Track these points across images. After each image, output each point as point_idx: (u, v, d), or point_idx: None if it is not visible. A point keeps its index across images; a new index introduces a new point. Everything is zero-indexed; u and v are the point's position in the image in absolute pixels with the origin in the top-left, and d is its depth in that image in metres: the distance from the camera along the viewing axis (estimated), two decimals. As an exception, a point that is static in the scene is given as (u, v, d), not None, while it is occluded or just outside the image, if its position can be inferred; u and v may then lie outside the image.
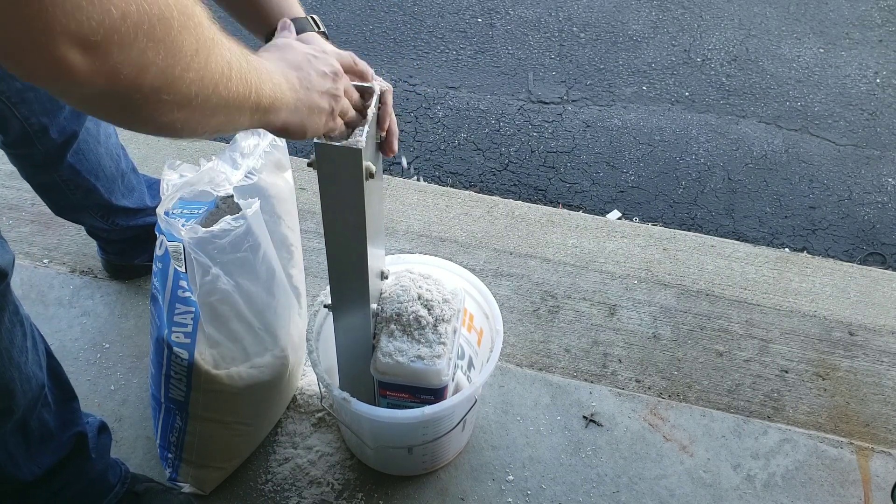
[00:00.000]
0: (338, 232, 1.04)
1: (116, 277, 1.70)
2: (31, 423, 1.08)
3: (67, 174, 1.39)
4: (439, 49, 2.60)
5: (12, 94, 1.23)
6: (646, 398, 1.55)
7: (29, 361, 1.03)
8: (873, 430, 1.54)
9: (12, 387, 1.01)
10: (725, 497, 1.41)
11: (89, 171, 1.42)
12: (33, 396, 1.06)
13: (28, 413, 1.07)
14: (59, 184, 1.41)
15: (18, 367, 1.01)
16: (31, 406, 1.06)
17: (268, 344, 1.29)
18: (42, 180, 1.43)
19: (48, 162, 1.36)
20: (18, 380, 1.01)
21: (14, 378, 1.00)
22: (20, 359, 1.01)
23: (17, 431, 1.07)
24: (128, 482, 1.28)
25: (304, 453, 1.43)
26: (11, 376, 1.00)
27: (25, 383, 1.03)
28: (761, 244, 1.98)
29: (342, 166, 0.93)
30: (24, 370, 1.02)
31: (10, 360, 0.99)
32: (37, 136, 1.30)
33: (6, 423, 1.04)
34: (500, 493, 1.39)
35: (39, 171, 1.40)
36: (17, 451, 1.08)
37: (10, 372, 0.99)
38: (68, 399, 1.17)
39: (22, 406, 1.04)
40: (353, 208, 0.98)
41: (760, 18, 2.77)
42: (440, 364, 1.18)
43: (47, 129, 1.30)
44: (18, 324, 1.01)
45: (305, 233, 1.44)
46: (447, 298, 1.24)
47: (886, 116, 2.42)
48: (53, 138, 1.32)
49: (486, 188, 2.17)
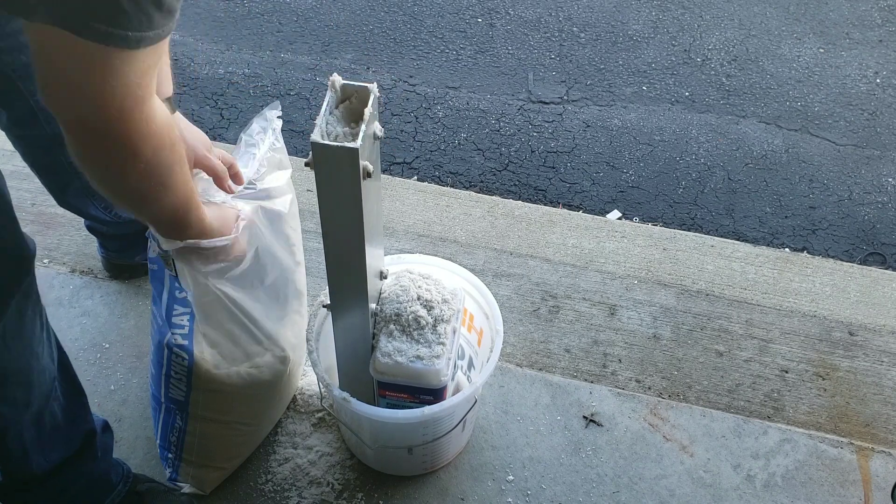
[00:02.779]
0: (336, 232, 1.04)
1: (116, 277, 1.70)
2: (45, 416, 1.09)
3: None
4: (439, 49, 2.60)
5: (18, 67, 1.19)
6: (646, 398, 1.55)
7: (45, 353, 1.04)
8: (873, 430, 1.54)
9: (31, 377, 1.01)
10: (725, 497, 1.41)
11: None
12: (47, 389, 1.06)
13: (42, 405, 1.07)
14: (65, 165, 1.35)
15: (37, 358, 1.02)
16: (45, 399, 1.07)
17: (267, 344, 1.29)
18: (47, 162, 1.40)
19: (53, 142, 1.32)
20: (37, 371, 1.02)
21: (33, 368, 1.01)
22: (39, 349, 1.02)
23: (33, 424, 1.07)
24: (129, 482, 1.28)
25: (304, 453, 1.43)
26: (31, 366, 1.01)
27: (41, 375, 1.03)
28: (761, 244, 1.98)
29: (339, 166, 0.93)
30: (41, 361, 1.03)
31: (31, 351, 1.00)
32: (44, 113, 1.25)
33: (24, 415, 1.04)
34: (500, 493, 1.40)
35: (45, 153, 1.37)
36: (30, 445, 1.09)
37: (30, 363, 1.00)
38: (77, 394, 1.17)
39: (38, 398, 1.04)
40: (350, 208, 0.98)
41: (760, 18, 2.77)
42: (439, 364, 1.18)
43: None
44: (39, 315, 1.02)
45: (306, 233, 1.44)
46: (447, 299, 1.24)
47: (886, 116, 2.42)
48: None
49: (486, 188, 2.17)
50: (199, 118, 2.32)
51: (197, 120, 2.32)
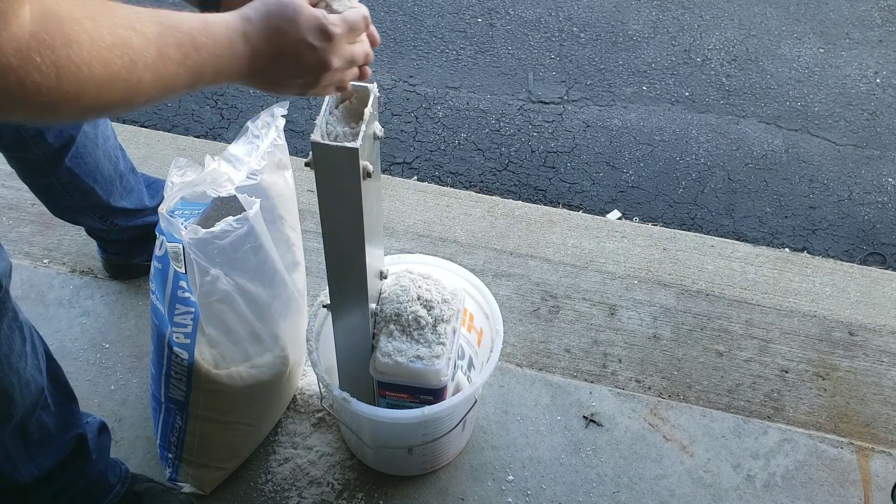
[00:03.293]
0: (336, 232, 1.04)
1: (116, 277, 1.70)
2: (31, 426, 1.09)
3: (65, 177, 1.39)
4: (439, 49, 2.60)
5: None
6: (646, 398, 1.55)
7: (28, 366, 1.03)
8: (873, 430, 1.54)
9: (11, 392, 1.01)
10: (725, 497, 1.41)
11: (87, 174, 1.42)
12: (33, 400, 1.06)
13: (27, 416, 1.07)
14: (57, 186, 1.41)
15: (17, 373, 1.01)
16: (31, 410, 1.07)
17: (268, 344, 1.29)
18: (40, 183, 1.43)
19: (45, 165, 1.36)
20: (17, 385, 1.02)
21: (13, 383, 1.01)
22: (19, 364, 1.01)
23: (16, 434, 1.07)
24: (128, 482, 1.28)
25: (304, 453, 1.43)
26: (10, 381, 1.00)
27: (25, 388, 1.03)
28: (761, 244, 1.98)
29: (339, 166, 0.93)
30: (24, 375, 1.03)
31: (8, 365, 0.99)
32: (33, 140, 1.30)
33: (5, 427, 1.04)
34: (500, 493, 1.40)
35: (36, 175, 1.40)
36: (16, 454, 1.09)
37: (8, 377, 1.00)
38: (68, 401, 1.17)
39: (21, 410, 1.04)
40: (350, 208, 0.98)
41: (760, 18, 2.77)
42: (439, 364, 1.18)
43: (43, 134, 1.30)
44: (17, 329, 1.01)
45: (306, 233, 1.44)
46: (447, 298, 1.24)
47: (886, 116, 2.42)
48: (51, 143, 1.32)
49: (486, 188, 2.17)
50: (199, 118, 2.32)
51: (197, 120, 2.32)
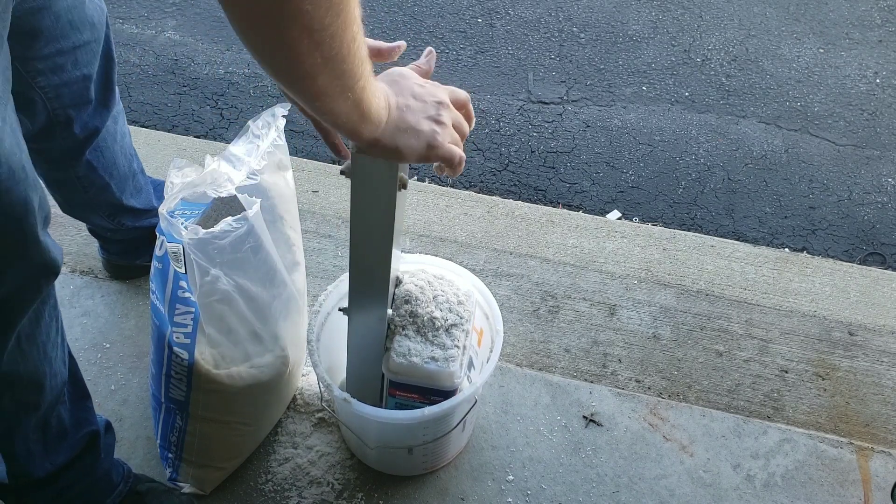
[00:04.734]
0: (365, 241, 1.03)
1: (117, 277, 1.70)
2: (52, 420, 1.09)
3: (84, 171, 1.39)
4: (439, 49, 2.60)
5: (49, 89, 1.23)
6: (646, 398, 1.55)
7: (58, 357, 1.04)
8: (873, 430, 1.54)
9: (43, 381, 1.02)
10: (725, 497, 1.41)
11: (105, 169, 1.42)
12: (57, 392, 1.07)
13: (50, 409, 1.07)
14: (74, 180, 1.40)
15: (50, 362, 1.02)
16: (54, 402, 1.07)
17: (268, 344, 1.29)
18: (58, 176, 1.42)
19: (66, 157, 1.35)
20: (49, 375, 1.02)
21: (45, 373, 1.01)
22: (53, 353, 1.02)
23: (38, 427, 1.08)
24: (130, 482, 1.28)
25: (304, 453, 1.43)
26: (44, 371, 1.01)
27: (53, 379, 1.04)
28: (761, 244, 1.98)
29: (378, 176, 0.93)
30: (54, 366, 1.03)
31: (44, 354, 1.00)
32: (60, 127, 1.29)
33: (31, 418, 1.04)
34: (500, 493, 1.40)
35: (56, 167, 1.39)
36: (35, 448, 1.09)
37: (43, 366, 1.01)
38: (83, 397, 1.17)
39: (47, 401, 1.05)
40: (383, 217, 0.98)
41: (760, 18, 2.77)
42: (454, 366, 1.18)
43: (72, 123, 1.30)
44: (55, 319, 1.02)
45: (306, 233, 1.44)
46: (461, 300, 1.24)
47: (886, 116, 2.42)
48: (76, 134, 1.32)
49: (486, 188, 2.17)
50: (200, 118, 2.32)
51: (197, 120, 2.32)
